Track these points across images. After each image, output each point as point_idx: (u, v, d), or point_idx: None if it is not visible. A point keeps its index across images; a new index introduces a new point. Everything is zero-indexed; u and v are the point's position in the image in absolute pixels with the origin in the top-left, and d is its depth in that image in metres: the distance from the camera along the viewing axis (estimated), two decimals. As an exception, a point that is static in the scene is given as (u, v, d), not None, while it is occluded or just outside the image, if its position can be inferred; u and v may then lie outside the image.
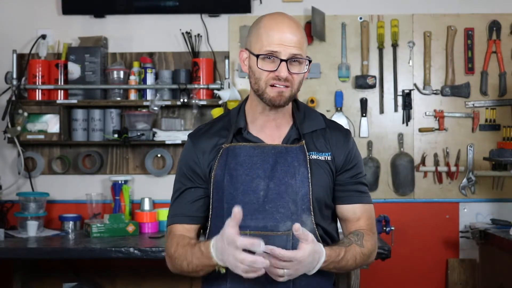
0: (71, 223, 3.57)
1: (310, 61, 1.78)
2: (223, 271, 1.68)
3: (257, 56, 1.74)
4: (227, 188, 1.78)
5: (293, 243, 1.73)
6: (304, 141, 1.83)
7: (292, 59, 1.74)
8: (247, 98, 1.90)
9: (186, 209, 1.85)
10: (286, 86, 1.75)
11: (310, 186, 1.78)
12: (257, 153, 1.80)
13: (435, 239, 3.71)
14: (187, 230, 1.85)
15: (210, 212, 1.84)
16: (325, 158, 1.83)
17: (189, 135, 1.91)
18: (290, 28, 1.75)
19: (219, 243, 1.63)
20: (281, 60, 1.72)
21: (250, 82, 1.81)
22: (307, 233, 1.63)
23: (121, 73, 3.66)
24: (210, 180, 1.82)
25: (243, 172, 1.78)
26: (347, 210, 1.86)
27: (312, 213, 1.78)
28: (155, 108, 3.56)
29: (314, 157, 1.82)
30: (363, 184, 1.88)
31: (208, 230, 1.87)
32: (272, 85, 1.74)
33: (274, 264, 1.60)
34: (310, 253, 1.63)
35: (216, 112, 3.55)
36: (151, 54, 3.77)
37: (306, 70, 1.78)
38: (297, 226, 1.60)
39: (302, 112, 1.89)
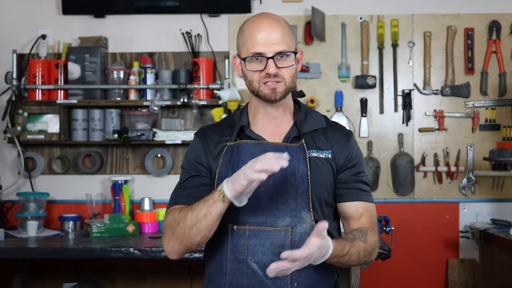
0: (71, 223, 3.57)
1: (296, 53, 1.81)
2: (222, 198, 1.66)
3: (244, 59, 1.79)
4: None
5: (291, 239, 1.76)
6: (304, 140, 1.84)
7: (278, 55, 1.77)
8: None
9: (191, 192, 1.82)
10: (278, 82, 1.78)
11: (310, 183, 1.79)
12: (259, 150, 1.82)
13: (435, 239, 3.71)
14: None
15: None
16: (325, 156, 1.85)
17: (195, 133, 1.94)
18: (271, 26, 1.79)
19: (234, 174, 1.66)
20: (268, 58, 1.76)
21: (246, 85, 1.85)
22: (322, 224, 1.63)
23: (121, 73, 3.66)
24: (214, 176, 1.84)
25: None
26: (349, 207, 1.86)
27: (311, 210, 1.79)
28: (155, 108, 3.56)
29: (314, 155, 1.84)
30: (365, 183, 1.89)
31: None
32: (265, 83, 1.78)
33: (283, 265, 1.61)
34: (318, 248, 1.64)
35: (216, 112, 3.55)
36: (151, 54, 3.77)
37: (294, 63, 1.81)
38: (323, 224, 1.62)
39: (303, 113, 1.91)
